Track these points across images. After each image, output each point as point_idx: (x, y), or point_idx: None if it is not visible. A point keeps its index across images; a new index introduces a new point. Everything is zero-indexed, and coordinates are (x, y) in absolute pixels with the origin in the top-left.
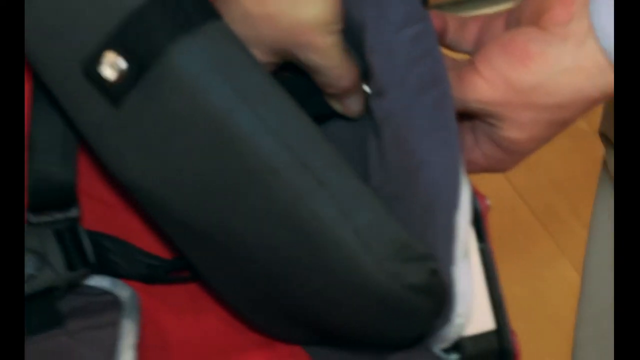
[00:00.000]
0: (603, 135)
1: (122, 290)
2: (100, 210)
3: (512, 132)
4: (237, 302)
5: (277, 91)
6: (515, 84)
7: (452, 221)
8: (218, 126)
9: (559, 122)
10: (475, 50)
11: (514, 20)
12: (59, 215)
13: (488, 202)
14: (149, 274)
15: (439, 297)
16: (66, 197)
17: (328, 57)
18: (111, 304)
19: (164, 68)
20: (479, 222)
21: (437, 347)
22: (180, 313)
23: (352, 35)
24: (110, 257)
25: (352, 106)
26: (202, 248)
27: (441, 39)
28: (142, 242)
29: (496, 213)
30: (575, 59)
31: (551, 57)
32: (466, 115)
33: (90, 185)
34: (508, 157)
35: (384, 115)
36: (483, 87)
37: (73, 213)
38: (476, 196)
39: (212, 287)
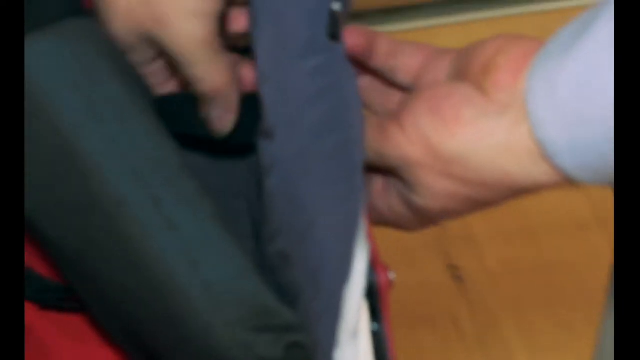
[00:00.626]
0: None
1: None
2: None
3: (424, 200)
4: (110, 333)
5: (138, 108)
6: (437, 148)
7: (339, 295)
8: (63, 142)
9: (478, 200)
10: (412, 87)
11: (459, 65)
12: None
13: (391, 275)
14: (40, 297)
15: None
16: None
17: (187, 49)
18: None
19: None
20: (374, 299)
21: None
22: (76, 341)
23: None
24: None
25: (215, 120)
26: (69, 273)
27: (367, 61)
28: (41, 266)
29: None
30: (507, 139)
31: (482, 129)
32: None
33: None
34: (415, 219)
35: (270, 161)
36: (402, 143)
37: None
38: (374, 268)
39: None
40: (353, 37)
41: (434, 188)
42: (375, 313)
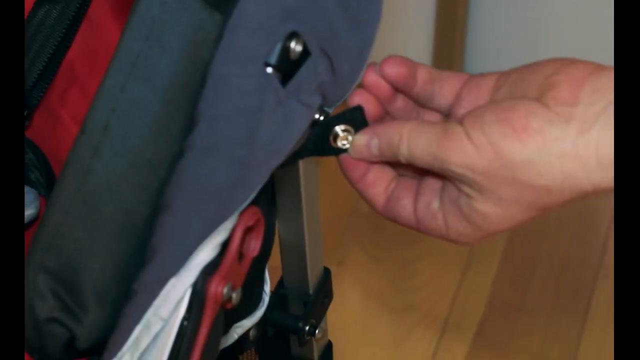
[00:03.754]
0: None
1: None
2: (46, 124)
3: (488, 206)
4: None
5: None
6: (506, 156)
7: (162, 280)
8: None
9: (541, 206)
10: (451, 109)
11: (508, 86)
12: None
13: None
14: None
15: None
16: None
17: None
18: None
19: None
20: (198, 301)
21: None
22: None
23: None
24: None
25: None
26: None
27: (409, 90)
28: None
29: None
30: (574, 145)
31: (550, 137)
32: (436, 177)
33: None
34: (473, 231)
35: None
36: (470, 151)
37: None
38: (211, 276)
39: None
40: (396, 66)
41: (500, 194)
42: (191, 313)
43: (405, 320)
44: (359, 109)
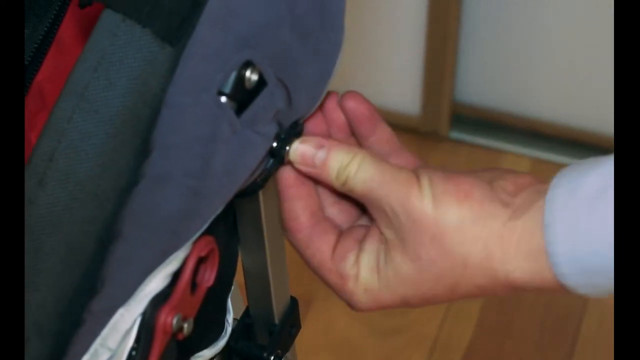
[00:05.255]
0: None
1: None
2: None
3: (404, 261)
4: None
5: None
6: (442, 212)
7: (109, 312)
8: None
9: (452, 282)
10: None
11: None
12: None
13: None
14: None
15: None
16: None
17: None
18: None
19: None
20: (147, 333)
21: None
22: None
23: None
24: None
25: None
26: None
27: (367, 136)
28: None
29: None
30: (502, 226)
31: (485, 211)
32: (360, 227)
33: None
34: (378, 290)
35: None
36: (413, 196)
37: None
38: (161, 307)
39: None
40: (356, 102)
41: (420, 252)
42: (140, 343)
43: (394, 343)
44: (301, 125)
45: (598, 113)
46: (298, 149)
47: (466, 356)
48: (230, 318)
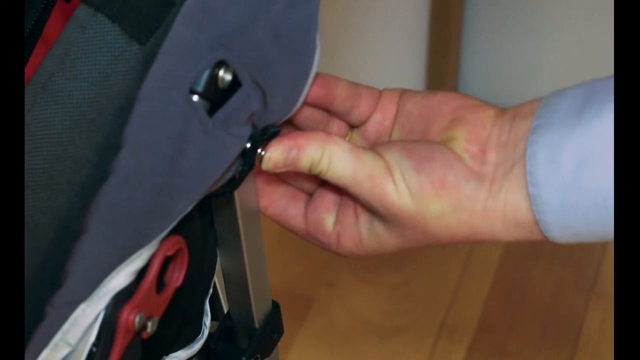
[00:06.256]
0: None
1: None
2: None
3: (389, 236)
4: None
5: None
6: (421, 205)
7: (70, 306)
8: None
9: (437, 245)
10: (361, 125)
11: (411, 107)
12: None
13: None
14: None
15: None
16: None
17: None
18: None
19: None
20: (107, 330)
21: None
22: None
23: None
24: None
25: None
26: None
27: (329, 107)
28: None
29: None
30: (484, 207)
31: (464, 195)
32: (333, 191)
33: None
34: (364, 251)
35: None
36: (391, 192)
37: None
38: (123, 305)
39: None
40: (314, 87)
41: (405, 232)
42: (101, 340)
43: (395, 343)
44: (275, 127)
45: None
46: (270, 160)
47: (467, 356)
48: (207, 320)
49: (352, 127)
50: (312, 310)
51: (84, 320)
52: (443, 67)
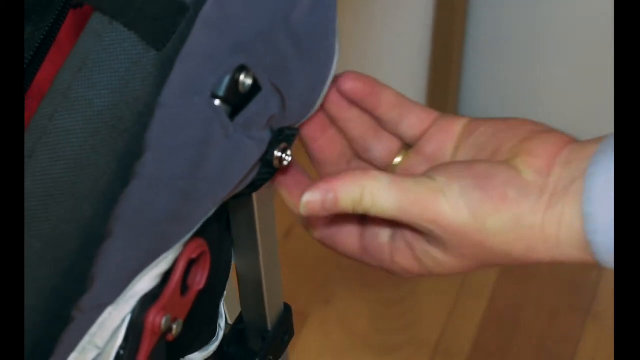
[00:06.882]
0: None
1: None
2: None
3: (446, 258)
4: None
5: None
6: (481, 221)
7: (100, 308)
8: None
9: (496, 263)
10: (417, 143)
11: (478, 137)
12: None
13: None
14: None
15: None
16: None
17: None
18: None
19: None
20: (135, 332)
21: None
22: None
23: None
24: None
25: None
26: None
27: (372, 109)
28: None
29: None
30: (542, 220)
31: (524, 209)
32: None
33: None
34: (419, 270)
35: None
36: (446, 210)
37: None
38: (150, 307)
39: None
40: (352, 81)
41: (463, 252)
42: (128, 343)
43: (392, 358)
44: (293, 130)
45: (603, 126)
46: (306, 205)
47: None
48: (222, 322)
49: (407, 145)
50: (308, 326)
51: (111, 323)
52: (445, 77)
